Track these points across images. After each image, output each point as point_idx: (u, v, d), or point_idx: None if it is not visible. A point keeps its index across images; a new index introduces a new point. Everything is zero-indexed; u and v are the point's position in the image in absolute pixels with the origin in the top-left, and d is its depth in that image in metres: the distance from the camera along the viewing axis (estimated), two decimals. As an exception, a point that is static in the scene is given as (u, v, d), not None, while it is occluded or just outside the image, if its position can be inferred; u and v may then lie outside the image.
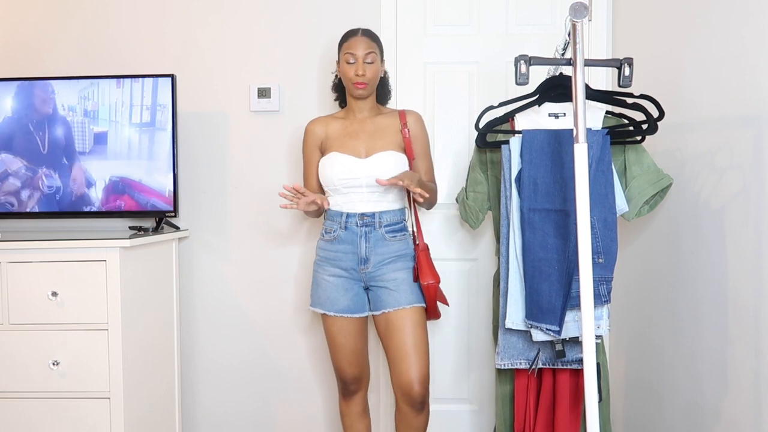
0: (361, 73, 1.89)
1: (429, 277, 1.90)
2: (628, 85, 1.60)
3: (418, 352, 1.86)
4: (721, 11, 1.67)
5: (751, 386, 1.54)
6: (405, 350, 1.86)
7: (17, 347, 1.95)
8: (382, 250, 1.90)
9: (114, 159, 2.24)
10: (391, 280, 1.89)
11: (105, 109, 2.24)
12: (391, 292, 1.89)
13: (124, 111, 2.23)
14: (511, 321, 1.78)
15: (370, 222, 1.90)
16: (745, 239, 1.56)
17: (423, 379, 1.86)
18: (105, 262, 1.93)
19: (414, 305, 1.88)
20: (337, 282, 1.93)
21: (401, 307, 1.87)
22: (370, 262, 1.90)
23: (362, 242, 1.90)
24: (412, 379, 1.84)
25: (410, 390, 1.85)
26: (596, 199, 1.69)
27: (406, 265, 1.92)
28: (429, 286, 1.90)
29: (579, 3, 1.43)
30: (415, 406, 1.87)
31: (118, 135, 2.24)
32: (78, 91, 2.24)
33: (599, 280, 1.69)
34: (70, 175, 2.24)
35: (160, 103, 2.23)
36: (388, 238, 1.91)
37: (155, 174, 2.23)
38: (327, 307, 1.93)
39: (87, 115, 2.24)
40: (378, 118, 1.99)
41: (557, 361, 1.78)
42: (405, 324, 1.86)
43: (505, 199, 1.81)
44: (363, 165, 1.89)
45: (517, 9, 2.38)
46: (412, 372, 1.84)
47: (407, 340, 1.86)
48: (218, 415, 2.48)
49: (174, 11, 2.43)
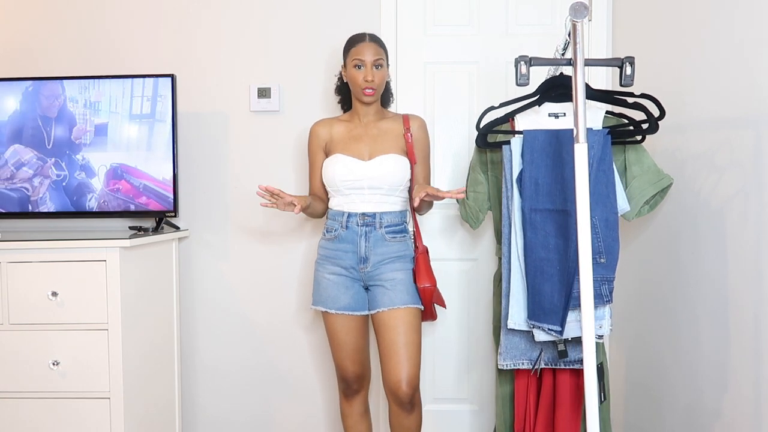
0: (370, 78, 1.90)
1: (425, 281, 1.92)
2: (629, 84, 1.60)
3: (408, 353, 1.87)
4: (721, 11, 1.67)
5: (750, 386, 1.54)
6: (395, 350, 1.87)
7: (17, 347, 1.95)
8: (381, 250, 1.91)
9: (114, 150, 2.25)
10: (388, 280, 1.90)
11: (106, 101, 2.24)
12: (387, 291, 1.90)
13: (125, 104, 2.24)
14: (513, 321, 1.78)
15: (370, 222, 1.91)
16: (745, 239, 1.56)
17: (411, 379, 1.86)
18: (105, 262, 1.93)
19: (408, 306, 1.89)
20: (337, 280, 1.94)
21: (395, 307, 1.88)
22: (369, 261, 1.91)
23: (362, 241, 1.91)
24: (400, 378, 1.85)
25: (398, 389, 1.86)
26: (598, 198, 1.69)
27: (404, 266, 1.93)
28: (425, 290, 1.92)
29: (579, 3, 1.43)
30: (404, 406, 1.88)
31: (119, 127, 2.25)
32: (78, 91, 2.24)
33: (601, 280, 1.69)
34: (75, 167, 2.25)
35: (160, 93, 2.23)
36: (387, 239, 1.92)
37: (153, 161, 2.25)
38: (328, 305, 1.94)
39: (88, 106, 2.25)
40: (382, 122, 2.00)
41: (559, 361, 1.78)
42: (397, 324, 1.88)
43: (506, 199, 1.81)
44: (365, 167, 1.91)
45: (517, 9, 2.38)
46: (400, 371, 1.85)
47: (398, 339, 1.87)
48: (218, 413, 2.48)
49: (174, 11, 2.43)
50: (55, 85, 2.24)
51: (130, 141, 2.24)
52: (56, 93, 2.25)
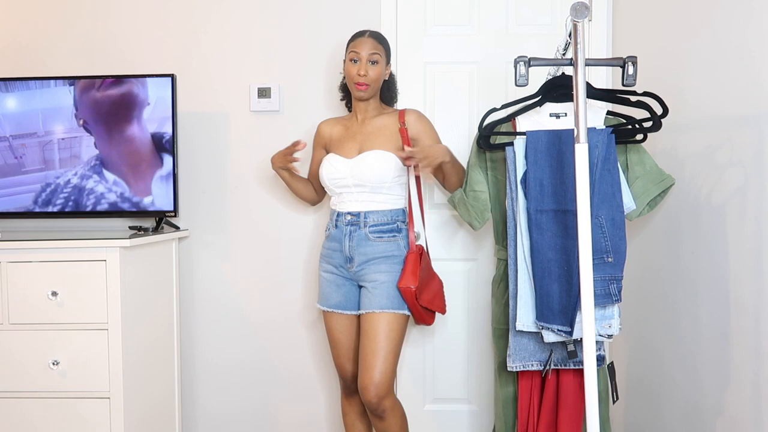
0: (363, 72, 1.90)
1: (407, 281, 1.84)
2: (632, 83, 1.60)
3: (377, 359, 1.81)
4: (722, 10, 1.67)
5: (751, 385, 1.54)
6: (364, 355, 1.83)
7: (17, 347, 1.95)
8: (365, 250, 1.90)
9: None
10: (371, 282, 1.88)
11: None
12: (368, 293, 1.88)
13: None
14: (521, 323, 1.76)
15: (355, 221, 1.91)
16: (746, 238, 1.56)
17: (377, 386, 1.80)
18: (105, 262, 1.93)
19: (385, 311, 1.84)
20: (330, 278, 1.96)
21: (372, 311, 1.85)
22: (354, 261, 1.91)
23: (346, 241, 1.91)
24: (364, 384, 1.82)
25: (364, 393, 1.82)
26: (603, 198, 1.68)
27: (390, 267, 1.88)
28: (405, 290, 1.84)
29: (580, 3, 1.43)
30: (374, 413, 1.84)
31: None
32: (78, 92, 2.24)
33: (609, 279, 1.69)
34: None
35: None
36: (372, 238, 1.89)
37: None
38: (322, 303, 1.97)
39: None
40: (378, 119, 1.99)
41: (569, 362, 1.77)
42: (370, 328, 1.84)
43: (511, 200, 1.80)
44: (348, 165, 1.92)
45: (517, 9, 2.38)
46: (366, 378, 1.81)
47: (369, 345, 1.83)
48: (218, 414, 2.48)
49: (174, 11, 2.43)
50: (56, 84, 2.24)
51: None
52: (57, 92, 2.24)
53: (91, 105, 2.23)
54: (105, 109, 2.23)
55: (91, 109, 2.23)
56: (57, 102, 2.24)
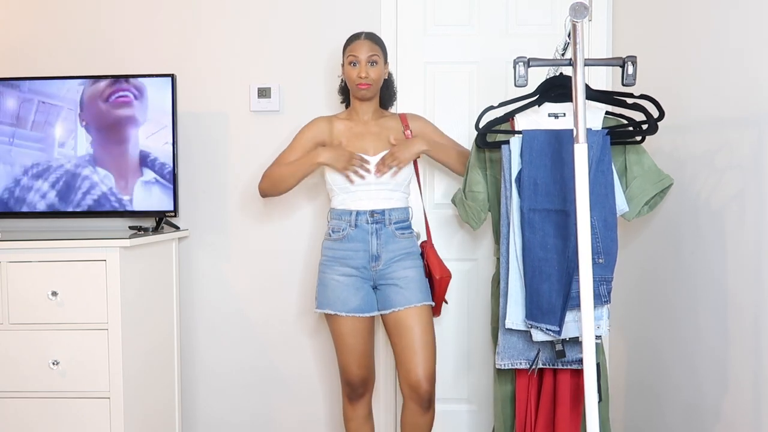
0: (363, 75, 1.92)
1: (443, 271, 1.97)
2: (632, 83, 1.60)
3: (427, 351, 1.88)
4: (721, 11, 1.67)
5: (750, 386, 1.54)
6: (414, 348, 1.88)
7: (17, 347, 1.95)
8: (392, 247, 1.93)
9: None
10: (401, 278, 1.91)
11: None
12: (400, 290, 1.90)
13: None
14: (511, 321, 1.78)
15: (380, 219, 1.93)
16: (745, 239, 1.56)
17: (430, 377, 1.89)
18: (105, 262, 1.93)
19: (423, 303, 1.91)
20: (347, 281, 1.92)
21: (411, 306, 1.89)
22: (381, 259, 1.92)
23: (373, 239, 1.92)
24: (420, 377, 1.86)
25: (418, 388, 1.87)
26: (596, 199, 1.69)
27: (414, 263, 1.95)
28: (442, 280, 1.95)
29: (579, 3, 1.43)
30: (423, 404, 1.89)
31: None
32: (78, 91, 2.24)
33: (599, 281, 1.69)
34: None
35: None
36: (397, 235, 1.94)
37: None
38: (338, 308, 1.91)
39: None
40: (381, 120, 2.04)
41: (557, 361, 1.78)
42: (414, 322, 1.89)
43: (505, 199, 1.81)
44: (372, 162, 1.94)
45: (517, 9, 2.38)
46: (420, 370, 1.87)
47: (416, 338, 1.88)
48: (218, 413, 2.48)
49: (174, 11, 2.43)
50: (56, 84, 2.24)
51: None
52: (57, 92, 2.25)
53: (96, 113, 2.24)
54: (108, 122, 2.25)
55: (96, 116, 2.25)
56: (61, 99, 2.24)
